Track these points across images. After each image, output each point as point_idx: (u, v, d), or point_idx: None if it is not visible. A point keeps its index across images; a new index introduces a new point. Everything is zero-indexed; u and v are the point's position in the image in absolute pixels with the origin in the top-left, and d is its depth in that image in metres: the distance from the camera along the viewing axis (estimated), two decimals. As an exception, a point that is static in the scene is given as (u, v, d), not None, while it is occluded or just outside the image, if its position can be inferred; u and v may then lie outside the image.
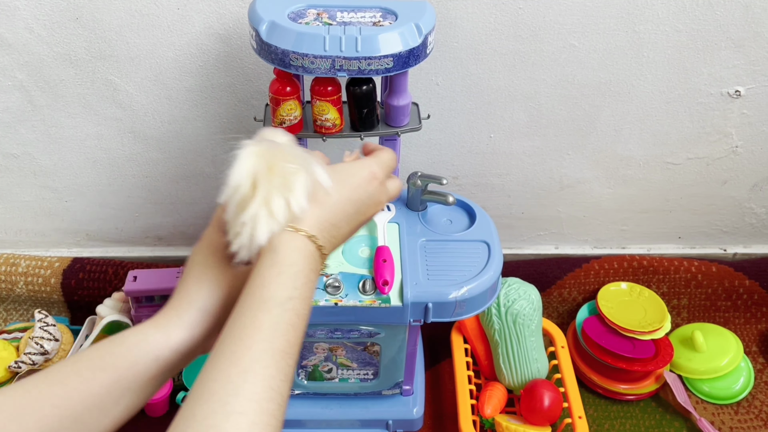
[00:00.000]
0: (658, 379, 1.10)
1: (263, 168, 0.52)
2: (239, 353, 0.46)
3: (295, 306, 0.50)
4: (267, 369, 0.46)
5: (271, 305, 0.49)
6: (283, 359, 0.47)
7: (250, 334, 0.47)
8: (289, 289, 0.50)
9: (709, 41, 0.96)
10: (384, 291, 0.82)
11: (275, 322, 0.48)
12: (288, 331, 0.48)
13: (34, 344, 1.06)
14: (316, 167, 0.54)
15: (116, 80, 0.99)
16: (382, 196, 0.60)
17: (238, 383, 0.45)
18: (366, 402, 1.03)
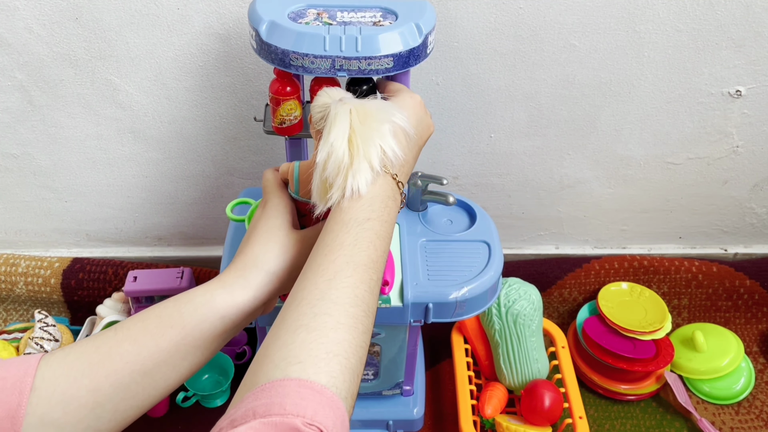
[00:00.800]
0: (658, 379, 1.10)
1: (357, 123, 0.56)
2: (324, 265, 0.51)
3: (373, 226, 0.54)
4: (350, 278, 0.50)
5: (351, 225, 0.53)
6: (365, 272, 0.51)
7: (333, 249, 0.52)
8: (367, 212, 0.54)
9: (709, 41, 0.96)
10: (384, 291, 0.81)
11: (355, 239, 0.53)
12: (368, 247, 0.53)
13: (34, 345, 1.06)
14: (398, 114, 0.59)
15: (116, 80, 0.99)
16: (429, 119, 0.66)
17: (324, 289, 0.49)
18: (366, 402, 1.03)
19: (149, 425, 1.06)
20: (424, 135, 0.64)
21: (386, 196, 0.57)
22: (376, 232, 0.54)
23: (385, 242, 0.55)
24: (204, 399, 1.08)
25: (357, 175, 0.55)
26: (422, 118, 0.64)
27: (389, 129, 0.57)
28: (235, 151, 1.09)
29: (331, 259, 0.51)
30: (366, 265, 0.52)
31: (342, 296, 0.49)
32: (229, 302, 0.55)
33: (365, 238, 0.53)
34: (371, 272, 0.52)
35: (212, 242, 1.24)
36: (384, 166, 0.57)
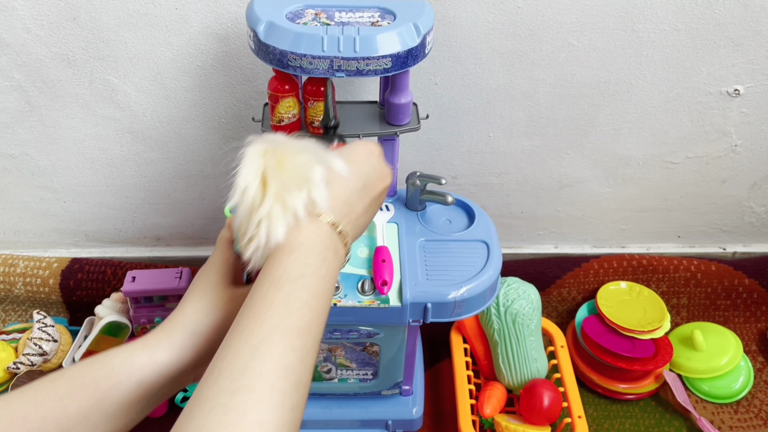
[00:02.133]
0: (657, 378, 1.10)
1: (272, 164, 0.51)
2: (249, 330, 0.45)
3: (308, 283, 0.48)
4: (278, 345, 0.44)
5: (282, 283, 0.47)
6: (297, 338, 0.45)
7: (260, 312, 0.46)
8: (300, 267, 0.48)
9: (708, 40, 0.96)
10: (383, 291, 0.81)
11: (286, 299, 0.46)
12: (302, 308, 0.46)
13: (32, 345, 1.06)
14: (329, 155, 0.53)
15: (114, 80, 0.99)
16: (385, 169, 0.59)
17: (247, 359, 0.43)
18: (365, 402, 1.03)
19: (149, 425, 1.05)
20: (377, 185, 0.57)
21: (324, 247, 0.50)
22: (312, 290, 0.48)
23: (323, 301, 0.48)
24: (203, 399, 1.08)
25: (273, 220, 0.49)
26: (375, 167, 0.58)
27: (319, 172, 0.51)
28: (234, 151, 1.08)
29: (257, 322, 0.45)
30: (298, 329, 0.45)
31: (268, 368, 0.42)
32: (148, 364, 0.50)
33: (298, 298, 0.46)
34: (305, 338, 0.45)
35: (211, 242, 1.24)
36: (316, 213, 0.50)
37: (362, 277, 0.84)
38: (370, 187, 0.57)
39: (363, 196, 0.56)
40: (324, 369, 0.97)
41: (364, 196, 0.56)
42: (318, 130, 0.83)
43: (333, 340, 0.90)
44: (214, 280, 0.56)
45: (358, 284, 0.83)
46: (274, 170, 0.51)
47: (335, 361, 0.95)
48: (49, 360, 1.09)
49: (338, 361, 0.95)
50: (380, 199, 0.59)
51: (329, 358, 0.95)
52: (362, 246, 0.89)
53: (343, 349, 0.93)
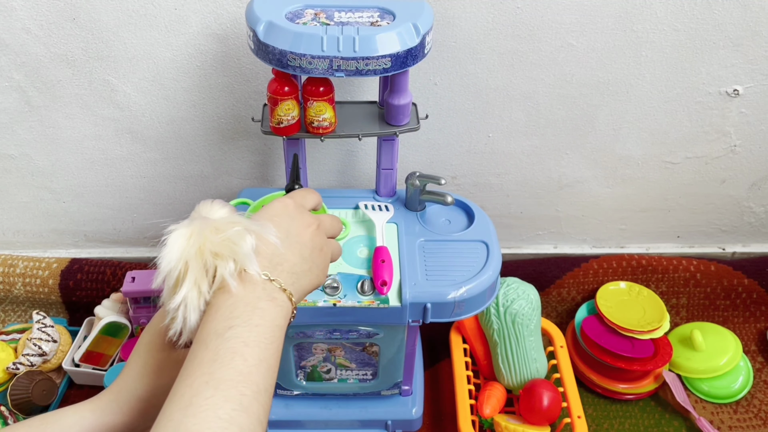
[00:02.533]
0: (657, 378, 1.10)
1: (193, 249, 0.51)
2: (180, 393, 0.44)
3: (238, 334, 0.47)
4: (210, 399, 0.43)
5: (210, 340, 0.47)
6: (232, 388, 0.44)
7: (190, 372, 0.45)
8: (226, 320, 0.48)
9: (707, 40, 0.96)
10: (382, 291, 0.81)
11: (214, 354, 0.46)
12: (233, 359, 0.45)
13: (32, 345, 1.06)
14: (256, 226, 0.53)
15: (114, 81, 0.99)
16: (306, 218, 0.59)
17: (178, 420, 0.42)
18: (365, 402, 1.03)
19: (148, 426, 1.05)
20: (302, 232, 0.57)
21: (255, 297, 0.50)
22: (243, 339, 0.46)
23: (261, 349, 0.47)
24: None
25: (188, 306, 0.50)
26: (294, 217, 0.58)
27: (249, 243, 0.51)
28: (233, 151, 1.09)
29: (188, 383, 0.44)
30: (232, 380, 0.44)
31: (200, 423, 0.42)
32: (97, 426, 0.51)
33: (228, 350, 0.46)
34: (241, 387, 0.44)
35: (210, 242, 1.24)
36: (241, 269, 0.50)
37: (362, 277, 0.84)
38: (296, 235, 0.56)
39: (291, 245, 0.55)
40: (324, 369, 0.97)
41: (292, 245, 0.55)
42: (317, 130, 0.83)
43: (333, 340, 0.90)
44: (158, 344, 0.56)
45: (358, 284, 0.83)
46: (194, 256, 0.51)
47: (335, 361, 0.95)
48: (49, 360, 1.09)
49: (338, 362, 0.95)
50: (315, 243, 0.58)
51: (329, 359, 0.95)
52: (362, 246, 0.89)
53: (343, 350, 0.93)
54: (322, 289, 0.82)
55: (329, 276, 0.84)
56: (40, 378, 1.04)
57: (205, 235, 0.51)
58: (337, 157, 1.10)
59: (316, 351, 0.93)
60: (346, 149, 1.09)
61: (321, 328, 0.88)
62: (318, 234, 0.59)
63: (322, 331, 0.88)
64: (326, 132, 0.83)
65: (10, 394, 1.02)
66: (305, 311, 0.82)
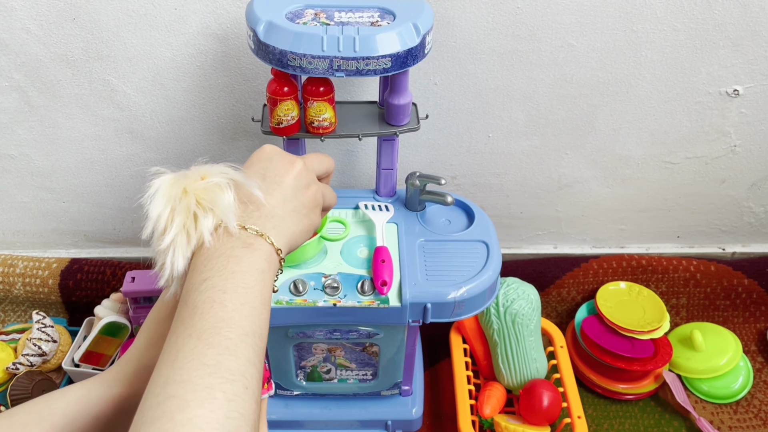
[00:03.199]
0: (657, 378, 1.10)
1: (177, 193, 0.51)
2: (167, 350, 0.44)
3: (214, 284, 0.46)
4: (194, 349, 0.43)
5: (187, 295, 0.47)
6: (214, 335, 0.43)
7: (175, 328, 0.45)
8: (200, 273, 0.47)
9: (707, 40, 0.96)
10: (383, 291, 0.81)
11: (192, 306, 0.45)
12: (212, 308, 0.45)
13: (32, 346, 1.06)
14: (242, 176, 0.53)
15: (113, 81, 0.99)
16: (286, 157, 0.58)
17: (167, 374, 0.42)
18: (365, 402, 1.03)
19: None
20: (282, 171, 0.56)
21: (228, 247, 0.49)
22: (220, 287, 0.46)
23: (239, 294, 0.47)
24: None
25: (176, 249, 0.49)
26: (273, 158, 0.57)
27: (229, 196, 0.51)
28: (233, 151, 1.09)
29: (173, 341, 0.44)
30: (214, 327, 0.44)
31: (186, 372, 0.41)
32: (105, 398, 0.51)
33: (206, 300, 0.45)
34: (225, 331, 0.44)
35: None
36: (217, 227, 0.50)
37: (362, 277, 0.84)
38: (275, 176, 0.55)
39: (270, 187, 0.54)
40: (323, 369, 0.97)
41: (270, 187, 0.54)
42: (317, 131, 0.83)
43: (333, 340, 0.90)
44: (165, 314, 0.56)
45: (358, 284, 0.83)
46: (179, 200, 0.50)
47: (335, 361, 0.95)
48: (49, 360, 1.09)
49: (338, 362, 0.95)
50: (299, 182, 0.56)
51: (329, 359, 0.95)
52: (362, 246, 0.89)
53: (343, 350, 0.93)
54: (322, 288, 0.82)
55: (329, 276, 0.84)
56: (40, 378, 1.04)
57: (189, 180, 0.52)
58: (337, 157, 1.10)
59: (316, 351, 0.93)
60: (346, 149, 1.09)
61: (321, 328, 0.88)
62: (302, 172, 0.57)
63: (322, 331, 0.88)
64: (326, 132, 0.83)
65: (9, 394, 1.01)
66: (305, 311, 0.82)
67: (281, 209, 0.54)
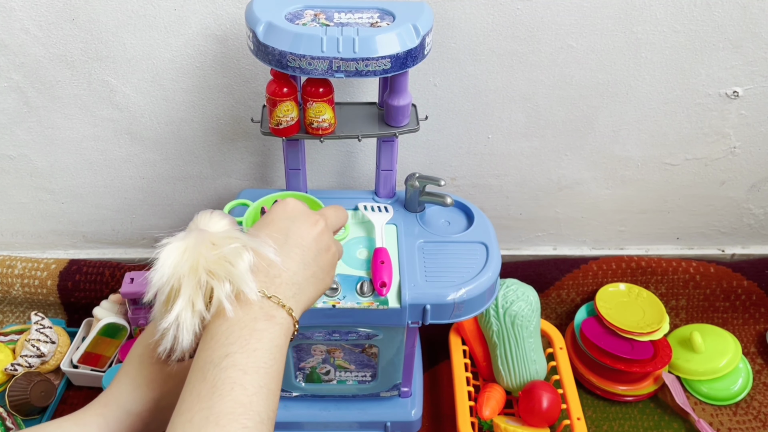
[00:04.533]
0: (656, 380, 1.10)
1: (187, 265, 0.49)
2: (181, 428, 0.43)
3: (236, 361, 0.45)
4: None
5: (207, 370, 0.45)
6: (233, 421, 0.43)
7: (191, 405, 0.44)
8: (223, 347, 0.46)
9: (707, 42, 0.96)
10: (382, 293, 0.81)
11: (212, 384, 0.44)
12: (232, 390, 0.44)
13: (30, 347, 1.06)
14: (259, 244, 0.51)
15: (113, 81, 0.99)
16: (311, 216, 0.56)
17: None
18: (364, 404, 1.02)
19: (146, 427, 1.05)
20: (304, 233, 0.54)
21: (250, 318, 0.47)
22: (241, 367, 0.45)
23: (259, 375, 0.46)
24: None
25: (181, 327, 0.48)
26: (296, 218, 0.55)
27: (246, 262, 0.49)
28: (233, 152, 1.08)
29: (187, 418, 0.43)
30: (232, 412, 0.43)
31: None
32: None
33: (226, 380, 0.44)
34: (243, 419, 0.43)
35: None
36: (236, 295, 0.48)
37: (361, 278, 0.84)
38: (296, 237, 0.54)
39: (290, 251, 0.53)
40: (323, 371, 0.97)
41: (291, 250, 0.53)
42: (316, 131, 0.83)
43: (332, 341, 0.90)
44: (150, 357, 0.54)
45: (357, 286, 0.83)
46: (188, 272, 0.49)
47: (334, 362, 0.95)
48: (47, 361, 1.08)
49: (337, 363, 0.95)
50: (320, 245, 0.55)
51: (328, 360, 0.95)
52: (361, 247, 0.88)
53: (342, 351, 0.93)
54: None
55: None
56: (39, 379, 1.04)
57: (200, 250, 0.49)
58: (336, 158, 1.10)
59: (315, 352, 0.93)
60: (346, 150, 1.09)
61: (320, 329, 0.87)
62: (323, 234, 0.56)
63: (321, 333, 0.88)
64: (326, 133, 0.83)
65: (8, 395, 1.01)
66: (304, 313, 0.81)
67: (301, 275, 0.53)
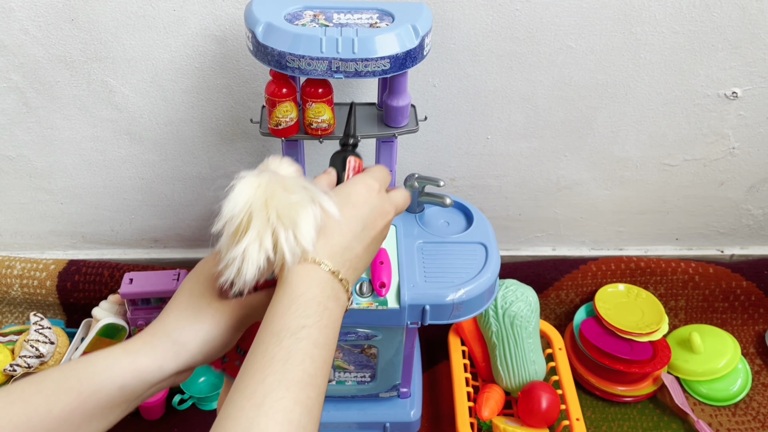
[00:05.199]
0: (655, 380, 1.10)
1: (260, 201, 0.51)
2: (252, 387, 0.45)
3: (310, 334, 0.48)
4: (281, 401, 0.44)
5: (283, 336, 0.47)
6: (301, 390, 0.45)
7: (262, 367, 0.46)
8: (301, 318, 0.48)
9: (705, 43, 0.96)
10: (381, 293, 0.81)
11: (287, 353, 0.46)
12: (304, 361, 0.46)
13: (29, 347, 1.06)
14: (323, 197, 0.53)
15: (112, 82, 0.99)
16: (385, 205, 0.59)
17: (252, 417, 0.43)
18: (363, 404, 1.02)
19: (145, 428, 1.05)
20: (377, 223, 0.58)
21: (325, 296, 0.50)
22: (314, 341, 0.48)
23: (326, 351, 0.49)
24: (200, 401, 1.08)
25: (246, 259, 0.50)
26: (375, 206, 0.58)
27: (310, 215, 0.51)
28: (232, 152, 1.08)
29: (260, 379, 0.45)
30: (301, 381, 0.45)
31: (272, 424, 0.43)
32: (130, 370, 0.51)
33: (300, 350, 0.47)
34: (308, 390, 0.46)
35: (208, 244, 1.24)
36: (315, 261, 0.51)
37: (360, 279, 0.83)
38: (371, 227, 0.57)
39: (363, 239, 0.56)
40: (322, 371, 0.96)
41: (363, 238, 0.56)
42: (315, 132, 0.83)
43: (331, 342, 0.90)
44: (199, 291, 0.56)
45: (356, 286, 0.83)
46: (260, 207, 0.51)
47: (333, 363, 0.95)
48: (46, 362, 1.08)
49: (336, 363, 0.95)
50: (382, 235, 0.59)
51: (327, 361, 0.94)
52: (360, 248, 0.88)
53: (341, 351, 0.93)
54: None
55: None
56: (38, 380, 1.04)
57: (274, 190, 0.51)
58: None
59: (315, 353, 0.93)
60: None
61: (319, 330, 0.87)
62: (390, 224, 0.59)
63: (320, 333, 0.88)
64: (325, 133, 0.83)
65: (7, 396, 1.01)
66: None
67: (363, 261, 0.57)
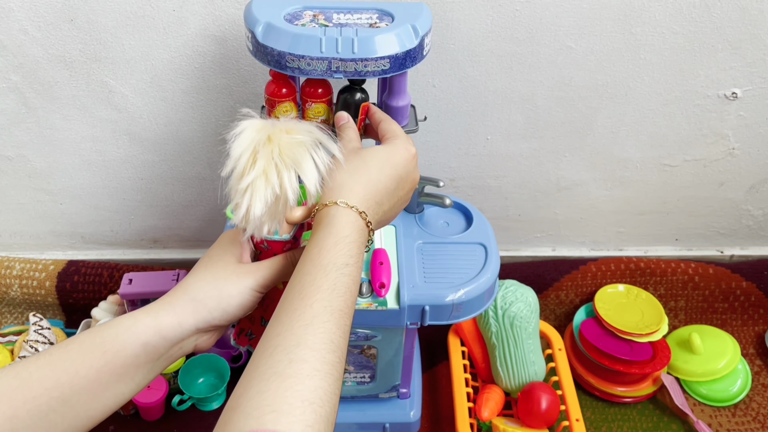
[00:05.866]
0: (655, 381, 1.10)
1: (263, 138, 0.56)
2: (301, 310, 0.49)
3: (351, 272, 0.54)
4: (327, 323, 0.49)
5: (330, 269, 0.52)
6: (341, 317, 0.50)
7: (310, 293, 0.51)
8: (346, 257, 0.54)
9: (706, 43, 0.96)
10: (380, 294, 0.81)
11: (333, 284, 0.52)
12: (345, 293, 0.52)
13: (28, 348, 1.06)
14: (326, 138, 0.58)
15: (111, 82, 0.99)
16: (416, 173, 0.66)
17: (300, 334, 0.48)
18: (363, 405, 1.02)
19: (145, 428, 1.05)
20: (406, 186, 0.65)
21: (362, 242, 0.57)
22: (353, 278, 0.54)
23: (356, 288, 0.55)
24: (200, 402, 1.08)
25: (254, 192, 0.55)
26: (410, 171, 0.65)
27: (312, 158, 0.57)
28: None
29: (308, 303, 0.50)
30: (342, 310, 0.51)
31: (319, 342, 0.48)
32: (151, 327, 0.54)
33: (344, 284, 0.52)
34: (346, 318, 0.51)
35: (208, 245, 1.23)
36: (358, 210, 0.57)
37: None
38: (401, 188, 0.63)
39: (392, 198, 0.62)
40: (321, 372, 0.96)
41: (392, 197, 0.62)
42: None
43: (330, 342, 0.90)
44: (218, 255, 0.60)
45: (356, 287, 0.82)
46: (264, 145, 0.56)
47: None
48: (45, 363, 1.08)
49: (336, 364, 0.95)
50: (406, 198, 0.65)
51: (326, 361, 0.94)
52: (360, 248, 0.88)
53: (341, 352, 0.93)
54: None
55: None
56: (37, 380, 1.04)
57: (276, 130, 0.56)
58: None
59: (314, 353, 0.93)
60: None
61: (319, 330, 0.87)
62: (412, 191, 0.66)
63: (319, 334, 0.88)
64: (325, 134, 0.83)
65: (6, 396, 1.01)
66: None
67: (387, 218, 0.63)
